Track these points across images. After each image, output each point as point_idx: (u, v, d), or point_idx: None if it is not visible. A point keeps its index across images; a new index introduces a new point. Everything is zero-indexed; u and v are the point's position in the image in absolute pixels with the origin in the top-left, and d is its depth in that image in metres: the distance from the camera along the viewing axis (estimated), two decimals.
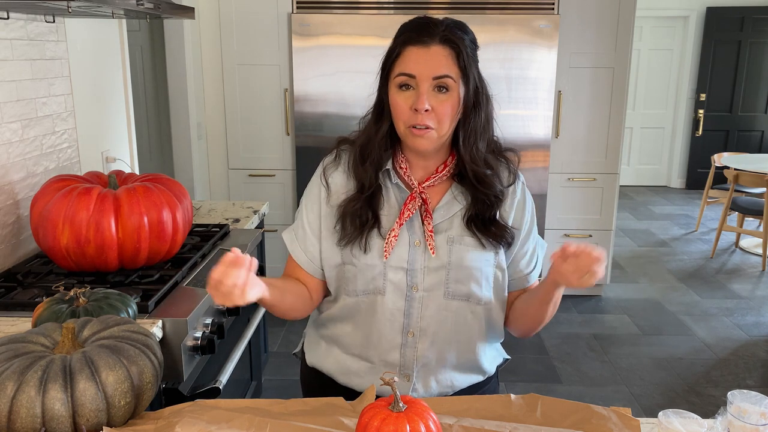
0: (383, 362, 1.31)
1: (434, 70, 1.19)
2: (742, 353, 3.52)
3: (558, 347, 3.58)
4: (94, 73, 2.42)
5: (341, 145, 1.34)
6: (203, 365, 1.77)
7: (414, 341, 1.29)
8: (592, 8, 3.80)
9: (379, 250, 1.26)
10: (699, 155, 7.56)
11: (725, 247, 5.44)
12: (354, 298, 1.30)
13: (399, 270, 1.26)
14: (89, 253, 1.70)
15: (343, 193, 1.30)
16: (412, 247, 1.27)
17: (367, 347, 1.32)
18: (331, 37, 3.77)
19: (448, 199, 1.29)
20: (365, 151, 1.27)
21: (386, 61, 1.24)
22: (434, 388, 1.34)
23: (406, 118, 1.21)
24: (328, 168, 1.33)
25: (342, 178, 1.31)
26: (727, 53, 7.29)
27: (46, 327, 1.18)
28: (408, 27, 1.23)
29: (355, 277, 1.28)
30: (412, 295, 1.27)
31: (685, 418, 1.06)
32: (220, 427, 1.07)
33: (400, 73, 1.20)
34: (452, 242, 1.27)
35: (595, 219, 4.10)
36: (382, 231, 1.26)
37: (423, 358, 1.30)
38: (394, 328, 1.29)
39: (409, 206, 1.26)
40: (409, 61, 1.20)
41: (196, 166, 3.86)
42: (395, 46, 1.23)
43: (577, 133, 3.99)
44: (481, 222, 1.28)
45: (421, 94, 1.19)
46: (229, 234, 2.26)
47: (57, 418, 1.02)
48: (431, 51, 1.19)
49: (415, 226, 1.27)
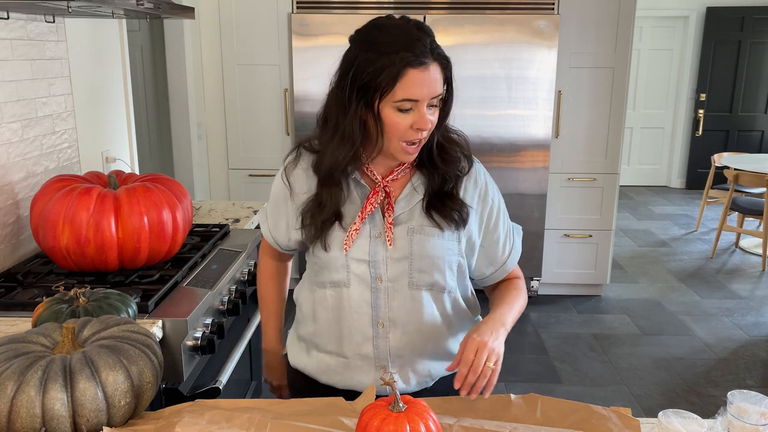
0: (358, 356, 1.33)
1: (434, 91, 1.18)
2: (742, 353, 3.52)
3: (558, 347, 3.58)
4: (94, 72, 2.42)
5: (301, 147, 1.37)
6: (203, 365, 1.77)
7: (385, 332, 1.31)
8: (592, 8, 3.80)
9: (340, 242, 1.28)
10: (699, 155, 7.56)
11: (725, 247, 5.44)
12: (323, 290, 1.33)
13: (361, 262, 1.28)
14: (89, 253, 1.70)
15: (304, 193, 1.32)
16: (372, 239, 1.28)
17: (340, 343, 1.34)
18: (331, 37, 3.78)
19: (409, 190, 1.31)
20: (331, 178, 1.26)
21: (378, 81, 1.15)
22: (412, 378, 1.34)
23: (402, 135, 1.20)
24: (289, 167, 1.36)
25: (302, 177, 1.34)
26: (727, 53, 7.29)
27: (46, 327, 1.18)
28: (400, 44, 1.14)
29: (321, 269, 1.32)
30: (377, 286, 1.29)
31: (685, 418, 1.06)
32: (220, 427, 1.07)
33: (405, 99, 1.16)
34: (413, 232, 1.28)
35: (595, 219, 4.10)
36: (344, 224, 1.28)
37: (396, 348, 1.32)
38: (363, 321, 1.31)
39: (372, 200, 1.28)
40: (412, 86, 1.15)
41: (196, 166, 3.86)
42: (392, 68, 1.14)
43: (577, 133, 3.99)
44: (439, 200, 1.29)
45: (423, 115, 1.18)
46: (229, 234, 2.26)
47: (57, 418, 1.02)
48: (430, 71, 1.16)
49: (376, 219, 1.29)
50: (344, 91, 1.19)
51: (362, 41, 1.19)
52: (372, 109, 1.19)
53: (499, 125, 3.82)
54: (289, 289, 1.58)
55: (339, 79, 1.21)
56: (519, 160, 3.87)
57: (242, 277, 2.08)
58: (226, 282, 1.89)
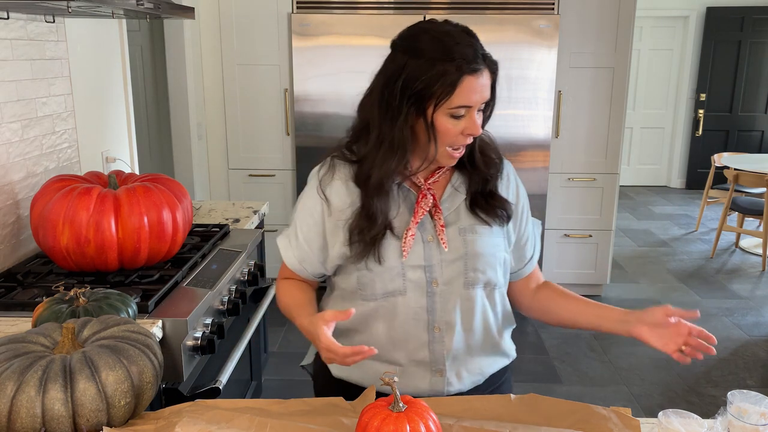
0: (413, 362, 1.30)
1: (485, 97, 1.19)
2: (742, 353, 3.51)
3: (558, 347, 3.58)
4: (94, 73, 2.42)
5: (333, 157, 1.31)
6: (203, 365, 1.77)
7: (441, 336, 1.29)
8: (592, 8, 3.80)
9: (395, 251, 1.25)
10: (699, 155, 7.56)
11: (725, 247, 5.44)
12: (373, 303, 1.28)
13: (417, 268, 1.26)
14: (89, 253, 1.70)
15: (347, 206, 1.26)
16: (425, 244, 1.27)
17: (393, 350, 1.30)
18: (331, 37, 3.78)
19: (450, 191, 1.31)
20: (381, 188, 1.22)
21: (434, 89, 1.14)
22: (466, 377, 1.33)
23: (453, 142, 1.20)
24: (325, 180, 1.29)
25: (342, 190, 1.27)
26: (727, 53, 7.29)
27: (46, 327, 1.18)
28: (454, 51, 1.14)
29: (373, 281, 1.26)
30: (433, 291, 1.27)
31: (685, 418, 1.06)
32: (220, 427, 1.07)
33: (461, 106, 1.16)
34: (465, 232, 1.28)
35: (595, 219, 4.10)
36: (396, 232, 1.25)
37: (452, 351, 1.30)
38: (419, 327, 1.28)
39: (422, 204, 1.26)
40: (468, 92, 1.15)
41: (196, 166, 3.86)
42: (448, 75, 1.13)
43: (577, 133, 3.99)
44: (483, 200, 1.30)
45: (475, 121, 1.19)
46: (229, 234, 2.26)
47: (57, 418, 1.02)
48: (483, 78, 1.18)
49: (425, 223, 1.28)
50: (393, 98, 1.17)
51: (410, 48, 1.17)
52: (424, 117, 1.17)
53: (499, 125, 3.82)
54: None
55: (384, 86, 1.19)
56: (519, 160, 3.87)
57: (242, 277, 2.08)
58: (226, 282, 1.89)
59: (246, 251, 2.10)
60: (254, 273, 2.16)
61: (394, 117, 1.18)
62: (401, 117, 1.18)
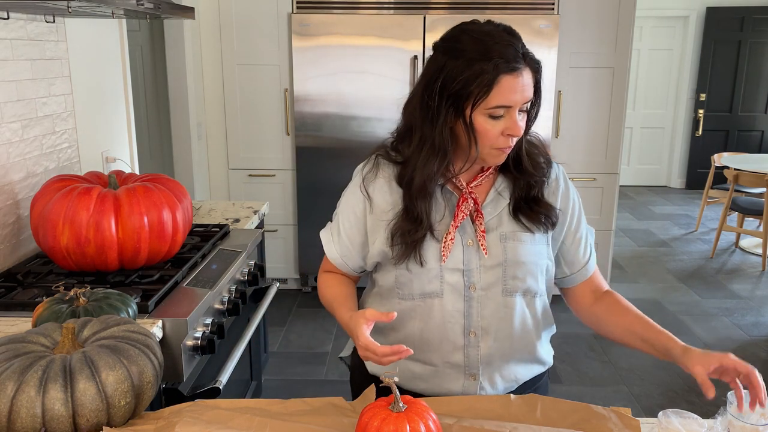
0: (447, 364, 1.30)
1: (525, 97, 1.17)
2: (742, 353, 3.51)
3: (558, 347, 3.55)
4: (93, 72, 2.42)
5: (378, 157, 1.30)
6: (203, 365, 1.77)
7: (476, 341, 1.28)
8: (592, 8, 3.80)
9: (435, 253, 1.25)
10: (699, 155, 7.56)
11: (725, 247, 5.44)
12: (410, 302, 1.28)
13: (455, 272, 1.25)
14: (89, 253, 1.70)
15: (389, 209, 1.27)
16: (465, 248, 1.26)
17: (428, 351, 1.30)
18: (331, 37, 3.77)
19: (494, 195, 1.29)
20: (424, 190, 1.22)
21: (471, 89, 1.14)
22: (499, 383, 1.32)
23: (494, 143, 1.19)
24: (368, 178, 1.30)
25: (384, 189, 1.28)
26: (727, 53, 7.29)
27: (46, 327, 1.18)
28: (493, 50, 1.13)
29: (411, 281, 1.27)
30: (471, 295, 1.26)
31: (685, 418, 1.06)
32: (220, 427, 1.07)
33: (499, 106, 1.15)
34: (505, 239, 1.26)
35: (595, 219, 4.10)
36: (437, 235, 1.25)
37: (486, 356, 1.29)
38: (455, 330, 1.28)
39: (462, 208, 1.25)
40: (506, 92, 1.14)
41: (196, 166, 3.86)
42: (485, 75, 1.12)
43: (577, 133, 3.99)
44: (527, 205, 1.27)
45: (515, 121, 1.17)
46: (229, 234, 2.26)
47: (57, 418, 1.02)
48: (523, 77, 1.15)
49: (465, 227, 1.27)
50: (433, 100, 1.17)
51: (450, 49, 1.17)
52: (462, 117, 1.17)
53: None
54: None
55: (424, 88, 1.19)
56: None
57: (242, 277, 2.08)
58: (226, 282, 1.89)
59: (246, 251, 2.10)
60: (254, 273, 2.16)
61: (434, 118, 1.18)
62: (441, 118, 1.17)
